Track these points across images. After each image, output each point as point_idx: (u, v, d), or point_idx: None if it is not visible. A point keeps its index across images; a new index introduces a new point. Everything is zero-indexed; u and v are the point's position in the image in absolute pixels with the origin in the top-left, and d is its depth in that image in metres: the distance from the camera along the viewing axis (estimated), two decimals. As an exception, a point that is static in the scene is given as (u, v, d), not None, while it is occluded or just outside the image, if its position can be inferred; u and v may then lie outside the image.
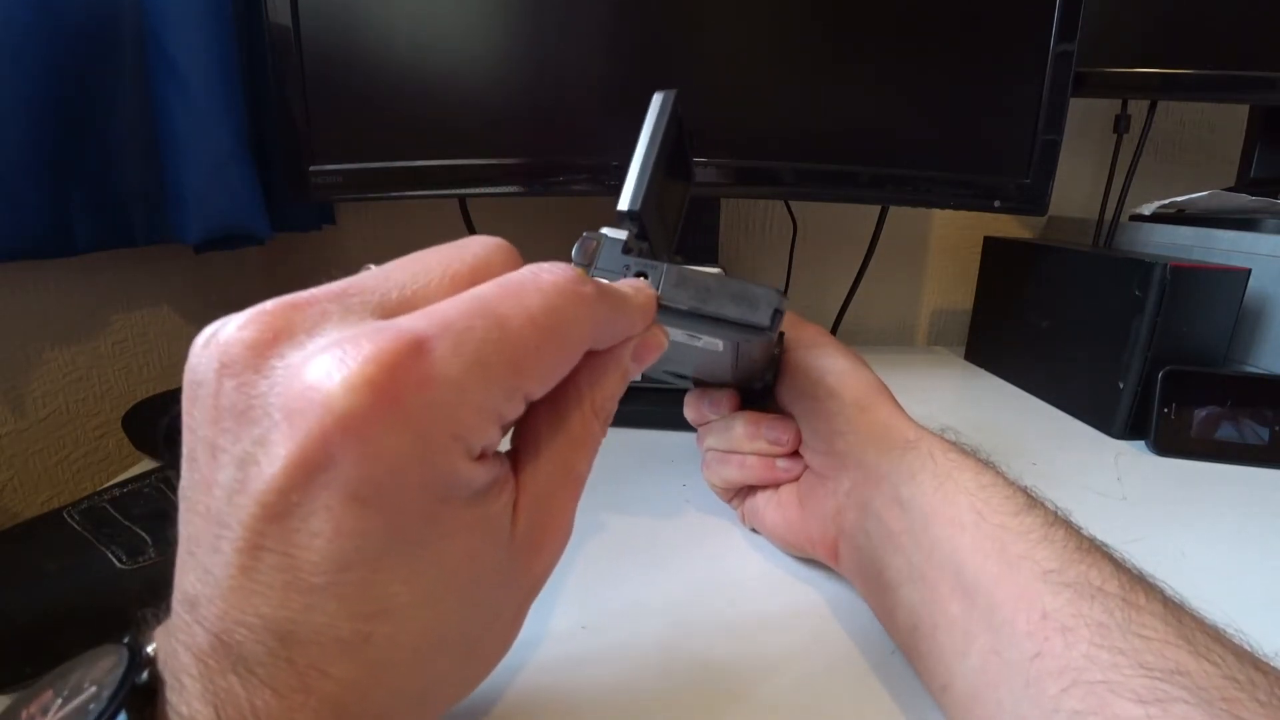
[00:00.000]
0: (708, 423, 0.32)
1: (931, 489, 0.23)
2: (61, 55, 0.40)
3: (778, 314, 0.21)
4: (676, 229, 0.30)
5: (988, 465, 0.24)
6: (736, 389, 0.31)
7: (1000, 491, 0.22)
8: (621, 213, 0.23)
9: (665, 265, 0.21)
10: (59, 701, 0.13)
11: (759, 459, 0.30)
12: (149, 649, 0.14)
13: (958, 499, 0.22)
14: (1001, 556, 0.20)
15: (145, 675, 0.13)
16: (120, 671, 0.13)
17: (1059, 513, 0.22)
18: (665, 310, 0.21)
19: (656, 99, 0.24)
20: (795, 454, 0.29)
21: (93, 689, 0.13)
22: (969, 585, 0.20)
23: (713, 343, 0.23)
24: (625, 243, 0.22)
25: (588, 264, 0.22)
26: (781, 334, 0.29)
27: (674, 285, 0.21)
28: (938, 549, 0.22)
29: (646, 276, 0.22)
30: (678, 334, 0.23)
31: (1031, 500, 0.22)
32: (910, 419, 0.27)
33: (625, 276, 0.22)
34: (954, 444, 0.25)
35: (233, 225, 0.48)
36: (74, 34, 0.40)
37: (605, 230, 0.23)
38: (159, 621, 0.15)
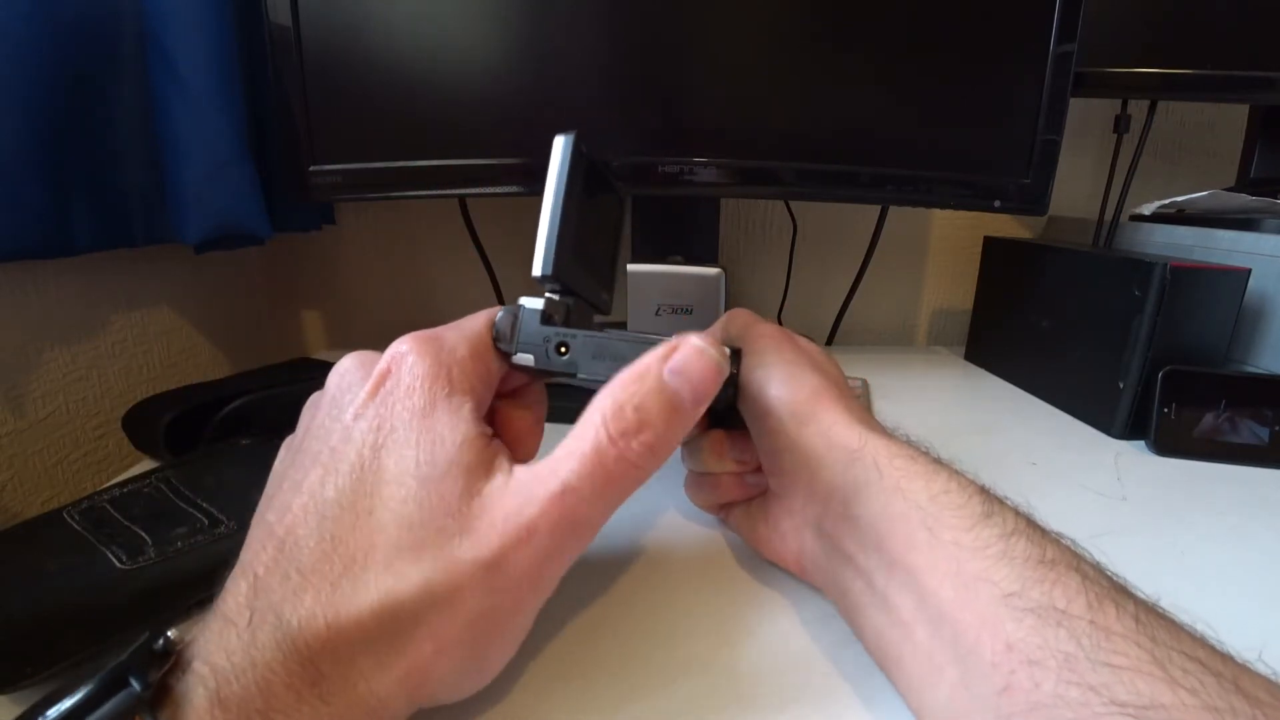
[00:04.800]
0: (681, 442, 0.31)
1: (879, 506, 0.22)
2: (61, 55, 0.40)
3: None
4: (615, 252, 0.30)
5: (939, 468, 0.22)
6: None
7: (953, 500, 0.21)
8: (536, 278, 0.23)
9: (582, 336, 0.22)
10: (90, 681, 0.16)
11: (730, 477, 0.29)
12: (171, 633, 0.17)
13: (908, 515, 0.21)
14: (958, 579, 0.19)
15: (161, 642, 0.16)
16: (139, 641, 0.16)
17: (1020, 514, 0.21)
18: (585, 382, 0.21)
19: (557, 144, 0.24)
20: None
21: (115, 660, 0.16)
22: (930, 611, 0.19)
23: None
24: (543, 312, 0.23)
25: (509, 341, 0.23)
26: (738, 351, 0.28)
27: (590, 358, 0.22)
28: (895, 572, 0.21)
29: (567, 347, 0.22)
30: None
31: (989, 506, 0.20)
32: (855, 420, 0.24)
33: (547, 349, 0.22)
34: (902, 445, 0.24)
35: (233, 225, 0.48)
36: (74, 34, 0.40)
37: (523, 301, 0.23)
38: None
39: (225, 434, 0.38)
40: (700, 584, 0.28)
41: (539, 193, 0.23)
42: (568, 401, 0.46)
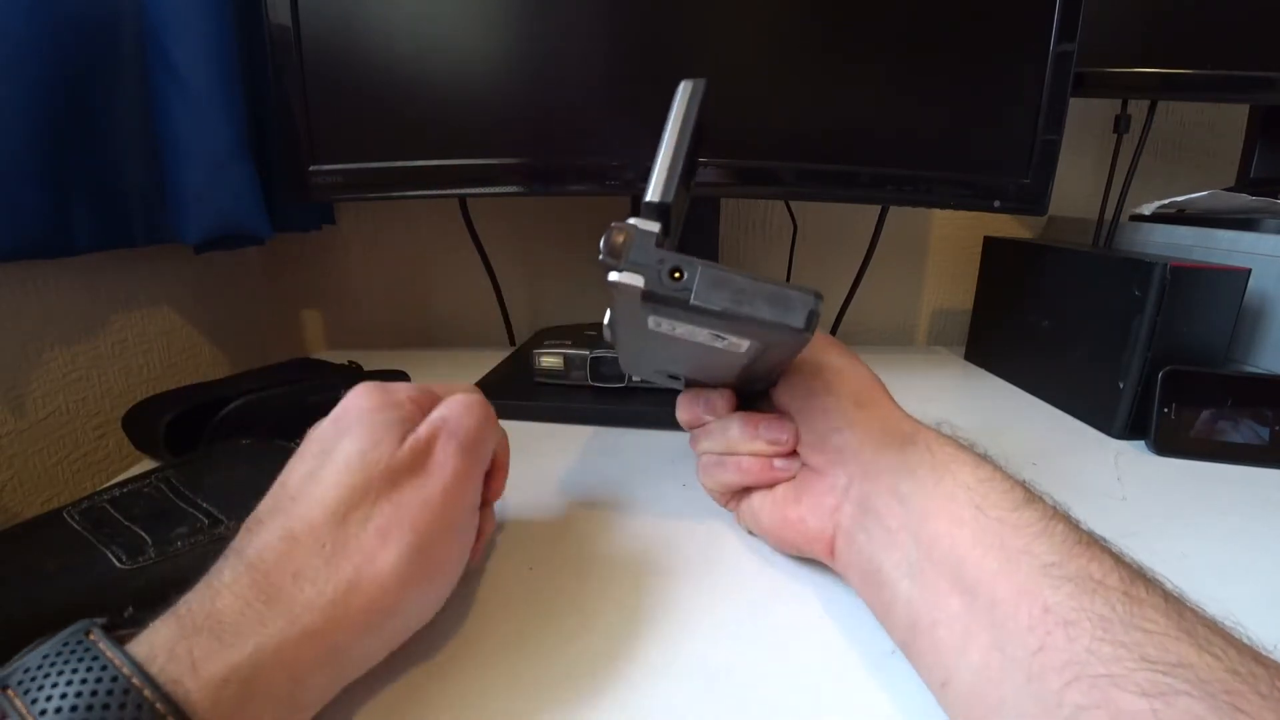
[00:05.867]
0: (702, 424, 0.31)
1: (930, 484, 0.23)
2: (61, 55, 0.40)
3: (813, 315, 0.20)
4: (679, 231, 0.30)
5: (985, 459, 0.24)
6: (734, 389, 0.31)
7: (998, 485, 0.22)
8: (650, 204, 0.22)
9: (700, 265, 0.20)
10: None
11: (756, 460, 0.29)
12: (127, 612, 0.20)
13: (956, 494, 0.22)
14: (1001, 551, 0.20)
15: (129, 612, 0.20)
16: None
17: (1058, 507, 0.22)
18: (697, 311, 0.20)
19: (685, 87, 0.23)
20: (792, 452, 0.29)
21: None
22: (969, 581, 0.20)
23: (737, 344, 0.22)
24: (658, 235, 0.21)
25: (617, 257, 0.21)
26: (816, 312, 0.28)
27: (709, 286, 0.20)
28: (937, 545, 0.22)
29: (681, 273, 0.20)
30: (700, 333, 0.22)
31: (1030, 494, 0.22)
32: (907, 414, 0.27)
33: (660, 271, 0.21)
34: (951, 438, 0.25)
35: (233, 225, 0.48)
36: (74, 34, 0.40)
37: (635, 221, 0.21)
38: None
39: (225, 434, 0.38)
40: (702, 584, 0.28)
41: (539, 193, 0.23)
42: (565, 401, 0.46)
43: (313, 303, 0.73)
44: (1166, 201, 0.59)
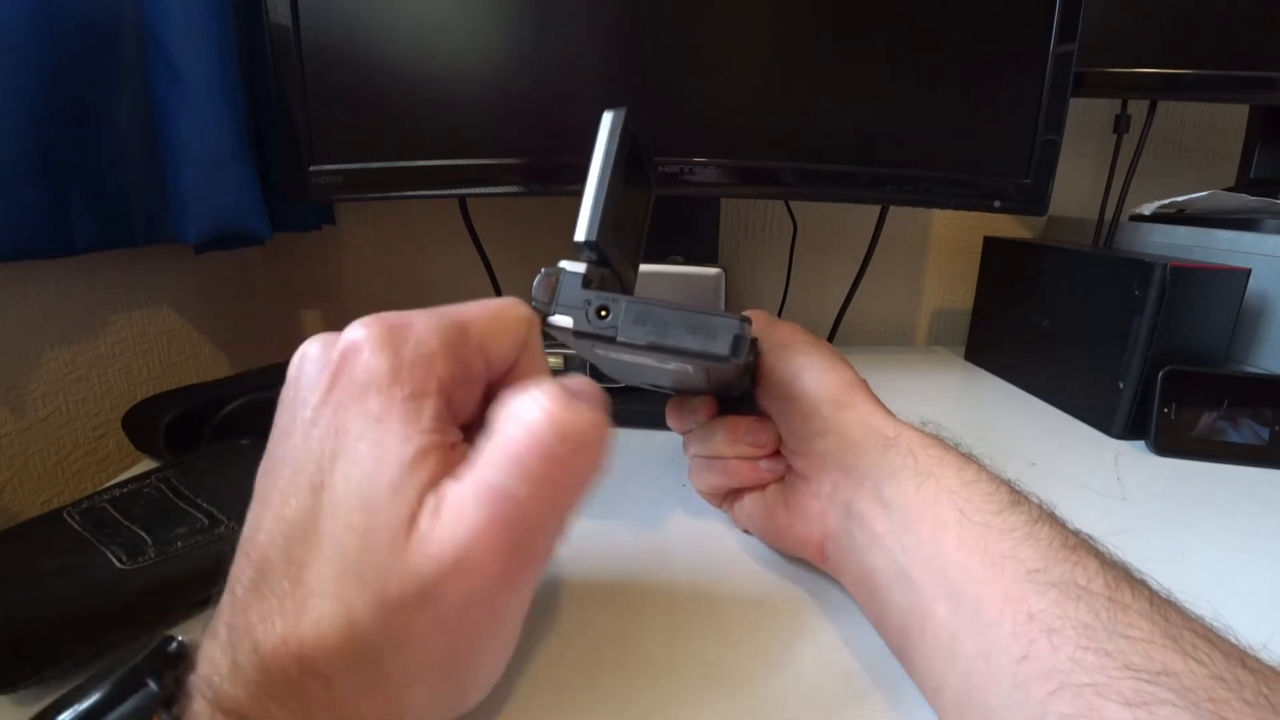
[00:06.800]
0: (689, 430, 0.32)
1: (913, 488, 0.23)
2: (61, 55, 0.40)
3: (739, 341, 0.21)
4: (641, 238, 0.30)
5: (969, 459, 0.24)
6: (714, 395, 0.31)
7: (983, 488, 0.22)
8: (578, 243, 0.23)
9: (625, 302, 0.21)
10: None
11: (742, 462, 0.29)
12: (181, 638, 0.17)
13: (940, 498, 0.22)
14: (985, 556, 0.20)
15: (175, 646, 0.17)
16: (153, 645, 0.16)
17: (1044, 507, 0.22)
18: (625, 346, 0.21)
19: (606, 119, 0.24)
20: (778, 453, 0.29)
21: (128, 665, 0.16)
22: (954, 587, 0.20)
23: (682, 366, 0.23)
24: (584, 275, 0.22)
25: (549, 301, 0.22)
26: (755, 340, 0.28)
27: (633, 322, 0.21)
28: (922, 550, 0.22)
29: (607, 311, 0.22)
30: (647, 358, 0.23)
31: (1015, 496, 0.22)
32: (888, 413, 0.26)
33: (587, 312, 0.22)
34: (934, 438, 0.25)
35: (233, 225, 0.48)
36: (74, 33, 0.40)
37: (564, 264, 0.23)
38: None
39: (225, 434, 0.38)
40: (701, 583, 0.28)
41: (539, 193, 0.23)
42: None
43: (313, 302, 0.73)
44: (1166, 201, 0.59)
